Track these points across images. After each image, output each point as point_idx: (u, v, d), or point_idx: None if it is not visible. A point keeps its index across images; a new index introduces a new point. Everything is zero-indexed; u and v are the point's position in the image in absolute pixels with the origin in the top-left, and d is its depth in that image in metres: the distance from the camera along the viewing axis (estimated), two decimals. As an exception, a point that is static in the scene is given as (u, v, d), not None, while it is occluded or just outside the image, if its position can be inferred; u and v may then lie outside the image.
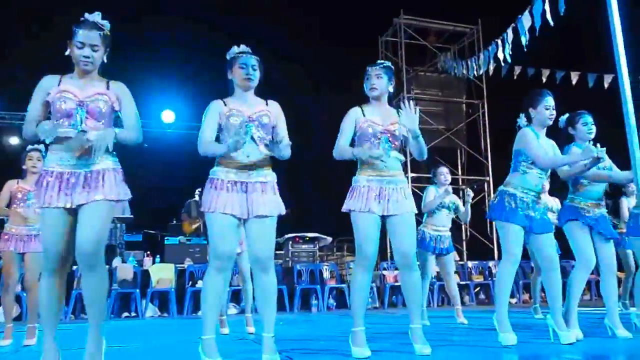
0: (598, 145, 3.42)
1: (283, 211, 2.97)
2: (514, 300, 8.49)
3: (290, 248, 8.79)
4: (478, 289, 9.21)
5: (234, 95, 3.06)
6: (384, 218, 3.16)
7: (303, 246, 8.86)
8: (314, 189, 11.76)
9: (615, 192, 6.03)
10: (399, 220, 3.14)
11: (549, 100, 3.48)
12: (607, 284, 3.68)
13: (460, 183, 12.28)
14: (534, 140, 3.42)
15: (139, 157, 7.05)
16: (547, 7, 4.20)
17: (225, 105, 2.98)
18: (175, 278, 7.74)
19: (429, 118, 11.78)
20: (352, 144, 3.26)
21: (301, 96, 11.28)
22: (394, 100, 3.42)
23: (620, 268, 6.16)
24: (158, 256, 8.38)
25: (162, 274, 7.74)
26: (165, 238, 8.66)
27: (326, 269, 8.54)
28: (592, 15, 3.29)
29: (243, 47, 3.07)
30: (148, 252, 8.48)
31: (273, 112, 3.03)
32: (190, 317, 7.32)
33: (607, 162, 3.72)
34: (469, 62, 10.39)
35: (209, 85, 9.66)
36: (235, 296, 7.64)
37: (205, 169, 3.01)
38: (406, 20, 12.13)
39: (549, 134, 3.61)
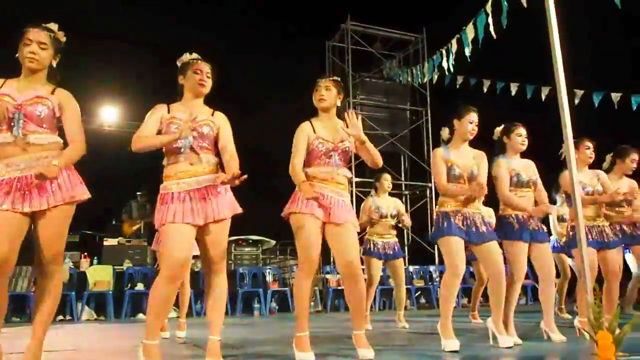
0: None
1: (239, 209, 2.93)
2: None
3: (233, 251, 8.67)
4: (419, 293, 9.39)
5: (182, 101, 2.99)
6: (324, 225, 3.16)
7: (246, 249, 8.75)
8: (258, 191, 11.65)
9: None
10: (342, 229, 3.14)
11: (473, 117, 3.59)
12: (545, 290, 3.82)
13: (403, 188, 12.50)
14: (437, 163, 3.54)
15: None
16: (490, 21, 4.33)
17: (169, 112, 2.92)
18: (113, 280, 7.47)
19: (374, 123, 11.92)
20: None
21: (247, 98, 11.19)
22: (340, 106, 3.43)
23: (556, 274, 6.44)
24: (96, 257, 8.05)
25: (100, 276, 7.46)
26: (104, 239, 8.34)
27: (269, 273, 8.48)
28: (532, 30, 3.42)
29: (195, 55, 3.02)
30: (85, 253, 8.14)
31: (216, 122, 2.98)
32: (128, 321, 7.08)
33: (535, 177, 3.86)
34: (413, 70, 10.63)
35: (154, 85, 9.42)
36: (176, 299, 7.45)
37: (148, 169, 2.93)
38: (353, 26, 12.24)
39: (487, 143, 3.73)
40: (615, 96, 7.49)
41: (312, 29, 12.96)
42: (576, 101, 7.58)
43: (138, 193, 8.81)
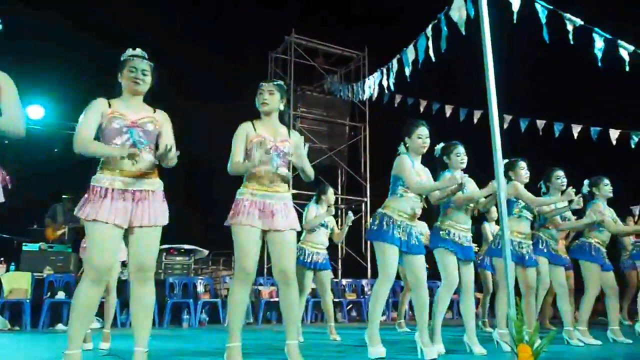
0: (466, 175, 3.72)
1: (166, 221, 2.85)
2: (383, 318, 8.84)
3: (163, 260, 8.41)
4: (351, 306, 9.47)
5: (121, 97, 2.90)
6: (264, 233, 3.15)
7: (177, 258, 8.52)
8: (192, 200, 11.43)
9: (479, 217, 6.58)
10: (281, 236, 3.14)
11: (422, 130, 3.71)
12: (466, 304, 3.97)
13: (340, 202, 12.63)
14: (409, 167, 3.61)
15: (-2, 153, 6.35)
16: (430, 44, 4.47)
17: (110, 106, 2.82)
18: (31, 288, 7.04)
19: (313, 137, 12.02)
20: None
21: (187, 107, 10.96)
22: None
23: (479, 288, 6.72)
24: (13, 263, 7.58)
25: (16, 283, 7.00)
26: (23, 244, 7.88)
27: (200, 283, 8.29)
28: (469, 56, 3.58)
29: (138, 51, 2.93)
30: (2, 259, 7.65)
31: (159, 120, 2.91)
32: (47, 331, 6.70)
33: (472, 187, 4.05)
34: (354, 86, 10.81)
35: (84, 83, 9.07)
36: (99, 309, 7.12)
37: (77, 170, 2.81)
38: (297, 39, 12.34)
39: (428, 161, 3.85)
40: (541, 122, 7.92)
41: (257, 39, 12.95)
42: (505, 125, 7.95)
43: (64, 196, 8.41)
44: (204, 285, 8.30)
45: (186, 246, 8.59)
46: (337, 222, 6.63)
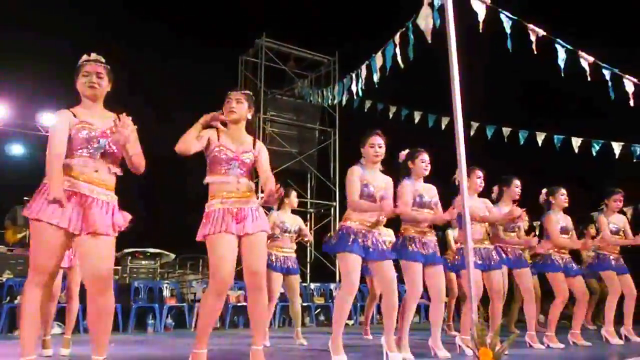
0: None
1: (122, 229, 2.80)
2: (351, 322, 8.86)
3: (128, 264, 8.27)
4: (319, 310, 9.47)
5: (82, 105, 2.85)
6: (239, 239, 3.13)
7: (143, 262, 8.38)
8: (158, 203, 11.28)
9: (444, 224, 6.68)
10: (254, 239, 3.13)
11: (375, 139, 3.74)
12: (434, 310, 4.01)
13: (309, 206, 12.64)
14: (353, 179, 3.65)
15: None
16: (397, 51, 4.52)
17: (75, 116, 2.77)
18: (-11, 293, 6.83)
19: (283, 140, 12.01)
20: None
21: (155, 110, 10.82)
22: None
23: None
24: (-31, 267, 7.33)
25: (-27, 288, 6.78)
26: (-19, 247, 7.64)
27: (167, 287, 8.17)
28: (437, 63, 3.64)
29: (93, 55, 2.88)
30: (-41, 263, 7.40)
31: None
32: (4, 338, 6.49)
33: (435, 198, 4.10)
34: (324, 91, 10.85)
35: (41, 85, 8.85)
36: (62, 314, 6.94)
37: (39, 172, 2.74)
38: (268, 42, 12.32)
39: (393, 167, 3.89)
40: (506, 130, 8.09)
41: (227, 42, 12.88)
42: (471, 132, 8.10)
43: (25, 198, 8.18)
44: (170, 289, 8.19)
45: (152, 250, 8.46)
46: (306, 226, 6.62)
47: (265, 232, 3.24)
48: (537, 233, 6.17)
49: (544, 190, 5.22)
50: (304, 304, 8.80)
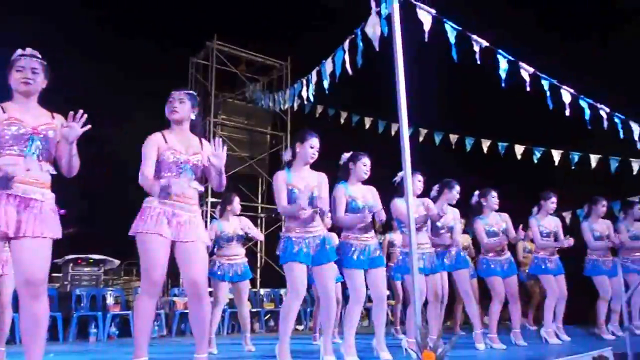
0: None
1: (59, 235, 2.69)
2: (301, 327, 8.85)
3: (70, 271, 7.95)
4: (268, 316, 9.41)
5: (13, 101, 2.73)
6: (173, 244, 3.06)
7: (86, 269, 8.08)
8: (103, 207, 10.93)
9: (384, 228, 6.80)
10: (190, 247, 3.07)
11: (314, 141, 3.77)
12: (377, 312, 4.06)
13: (259, 211, 12.57)
14: (278, 186, 3.67)
15: None
16: (347, 58, 4.56)
17: (4, 111, 2.64)
18: None
19: (234, 145, 11.91)
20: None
21: (99, 112, 10.50)
22: (200, 125, 3.40)
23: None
24: None
25: None
26: None
27: (110, 295, 7.92)
28: (387, 70, 3.70)
29: (28, 50, 2.77)
30: None
31: (58, 127, 2.76)
32: None
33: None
34: (276, 96, 10.84)
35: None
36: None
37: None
38: (219, 45, 12.20)
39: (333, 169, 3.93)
40: (453, 137, 8.31)
41: (177, 43, 12.65)
42: (420, 138, 8.28)
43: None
44: (115, 297, 7.94)
45: (95, 256, 8.17)
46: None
47: (203, 242, 3.15)
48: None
49: (476, 192, 5.36)
50: (253, 310, 8.72)
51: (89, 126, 2.67)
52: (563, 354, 3.61)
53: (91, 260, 8.12)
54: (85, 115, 2.64)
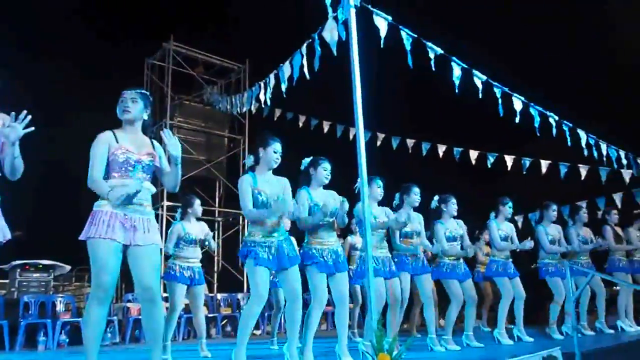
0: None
1: (8, 236, 2.59)
2: (258, 332, 8.79)
3: (17, 277, 7.64)
4: (225, 321, 9.30)
5: None
6: (125, 248, 2.99)
7: (34, 275, 7.78)
8: (53, 211, 10.57)
9: (344, 231, 6.84)
10: (143, 251, 3.00)
11: (277, 146, 3.77)
12: (339, 316, 4.07)
13: (216, 215, 12.43)
14: (244, 190, 3.64)
15: None
16: (304, 62, 4.57)
17: None
18: None
19: (190, 147, 11.75)
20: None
21: (51, 115, 10.15)
22: (156, 127, 3.33)
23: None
24: None
25: None
26: None
27: (61, 301, 7.66)
28: (344, 75, 3.73)
29: None
30: None
31: None
32: None
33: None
34: (233, 99, 10.75)
35: None
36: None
37: None
38: (176, 46, 12.03)
39: (294, 174, 3.92)
40: (410, 142, 8.44)
41: (133, 43, 12.39)
42: (378, 143, 8.37)
43: None
44: (65, 303, 7.68)
45: (45, 261, 7.89)
46: (214, 235, 6.49)
47: (157, 245, 3.11)
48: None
49: (436, 197, 5.48)
50: (210, 315, 8.62)
51: (32, 128, 2.58)
52: (516, 354, 3.71)
53: (40, 266, 7.84)
54: (29, 117, 2.55)
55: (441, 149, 8.15)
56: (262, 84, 6.26)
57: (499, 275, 5.66)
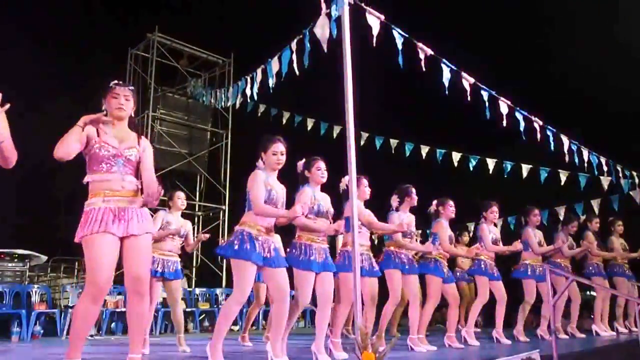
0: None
1: None
2: (236, 328, 8.73)
3: (-8, 266, 7.51)
4: (203, 316, 9.23)
5: None
6: (121, 241, 2.94)
7: (9, 264, 7.64)
8: (29, 202, 10.37)
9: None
10: (139, 241, 2.97)
11: (278, 147, 3.73)
12: (321, 315, 4.06)
13: (197, 209, 12.33)
14: (259, 183, 3.59)
15: None
16: (294, 58, 4.54)
17: None
18: None
19: (172, 140, 11.63)
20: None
21: (29, 104, 9.94)
22: (138, 118, 3.28)
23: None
24: None
25: None
26: None
27: (36, 292, 7.52)
28: (331, 73, 3.71)
29: None
30: None
31: None
32: None
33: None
34: (218, 92, 10.67)
35: None
36: None
37: None
38: (160, 38, 11.89)
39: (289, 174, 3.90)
40: (394, 142, 8.46)
41: (116, 33, 12.20)
42: (362, 142, 8.37)
43: None
44: (40, 294, 7.55)
45: (20, 251, 7.74)
46: (194, 229, 6.41)
47: (150, 233, 3.10)
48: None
49: (435, 201, 5.57)
50: (188, 310, 8.55)
51: (7, 105, 2.49)
52: (498, 355, 3.74)
53: (16, 255, 7.69)
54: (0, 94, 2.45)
55: (424, 150, 8.18)
56: (248, 79, 6.22)
57: (482, 274, 5.72)
